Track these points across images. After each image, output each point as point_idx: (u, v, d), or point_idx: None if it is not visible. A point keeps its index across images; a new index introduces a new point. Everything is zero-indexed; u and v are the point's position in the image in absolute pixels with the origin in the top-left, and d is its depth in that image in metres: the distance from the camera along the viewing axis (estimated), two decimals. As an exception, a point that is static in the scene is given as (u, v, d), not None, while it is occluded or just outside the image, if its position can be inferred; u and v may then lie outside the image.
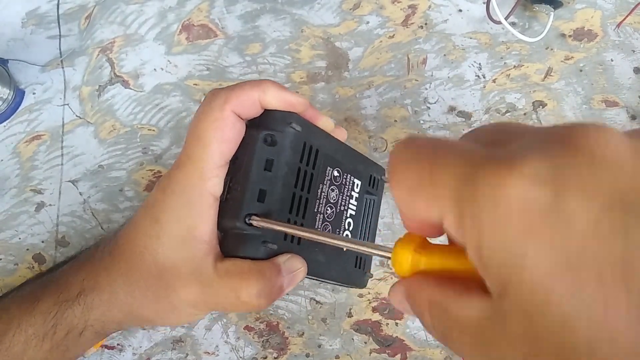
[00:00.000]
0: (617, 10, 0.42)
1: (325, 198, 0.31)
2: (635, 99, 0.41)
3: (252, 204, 0.28)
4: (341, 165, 0.32)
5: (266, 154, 0.28)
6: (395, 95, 0.42)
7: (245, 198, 0.28)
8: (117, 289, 0.30)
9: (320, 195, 0.31)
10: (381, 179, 0.36)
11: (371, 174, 0.35)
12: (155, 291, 0.29)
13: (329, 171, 0.32)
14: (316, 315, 0.39)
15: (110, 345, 0.40)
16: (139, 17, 0.45)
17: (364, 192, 0.34)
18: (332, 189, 0.32)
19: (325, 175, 0.31)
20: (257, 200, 0.28)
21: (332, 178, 0.32)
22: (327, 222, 0.32)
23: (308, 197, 0.30)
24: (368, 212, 0.35)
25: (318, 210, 0.31)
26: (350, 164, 0.33)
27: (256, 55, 0.44)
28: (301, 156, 0.30)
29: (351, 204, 0.33)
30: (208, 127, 0.27)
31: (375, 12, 0.44)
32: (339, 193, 0.32)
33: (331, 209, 0.32)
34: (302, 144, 0.30)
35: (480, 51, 0.43)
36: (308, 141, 0.30)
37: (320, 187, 0.31)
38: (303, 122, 0.30)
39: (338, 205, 0.32)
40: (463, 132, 0.41)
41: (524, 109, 0.41)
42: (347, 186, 0.33)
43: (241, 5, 0.45)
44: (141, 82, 0.44)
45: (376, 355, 0.39)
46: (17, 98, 0.43)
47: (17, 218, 0.41)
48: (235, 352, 0.39)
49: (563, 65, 0.42)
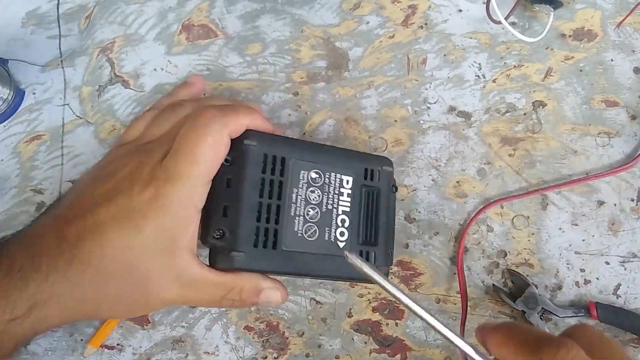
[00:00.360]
0: (617, 10, 0.42)
1: (304, 200, 0.33)
2: (635, 99, 0.41)
3: (218, 220, 0.31)
4: (320, 166, 0.34)
5: (225, 174, 0.32)
6: (395, 95, 0.42)
7: (212, 215, 0.32)
8: (81, 297, 0.29)
9: (296, 199, 0.33)
10: (382, 169, 0.36)
11: (366, 167, 0.36)
12: (130, 295, 0.30)
13: (303, 175, 0.34)
14: (316, 315, 0.39)
15: (110, 345, 0.40)
16: (139, 17, 0.45)
17: (358, 187, 0.35)
18: (311, 190, 0.34)
19: (299, 179, 0.33)
20: (223, 216, 0.32)
21: (309, 181, 0.34)
22: (311, 223, 0.33)
23: (279, 204, 0.32)
24: (371, 204, 0.35)
25: (296, 213, 0.33)
26: (335, 163, 0.35)
27: (256, 55, 0.44)
28: (264, 167, 0.32)
29: (342, 201, 0.34)
30: (205, 150, 0.30)
31: (375, 12, 0.44)
32: (322, 193, 0.34)
33: (314, 210, 0.33)
34: (263, 155, 0.32)
35: (480, 51, 0.43)
36: (270, 152, 0.33)
37: (295, 191, 0.33)
38: (261, 136, 0.33)
39: (323, 205, 0.34)
40: (463, 132, 0.41)
41: (524, 109, 0.41)
42: (332, 185, 0.34)
43: (241, 5, 0.45)
44: (141, 82, 0.44)
45: (376, 355, 0.39)
46: (17, 98, 0.43)
47: (17, 218, 0.41)
48: (235, 352, 0.39)
49: (563, 65, 0.42)
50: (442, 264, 0.39)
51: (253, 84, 0.43)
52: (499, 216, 0.40)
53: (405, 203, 0.40)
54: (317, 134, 0.42)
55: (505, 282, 0.39)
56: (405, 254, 0.40)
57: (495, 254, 0.39)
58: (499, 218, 0.40)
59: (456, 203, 0.40)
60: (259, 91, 0.43)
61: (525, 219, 0.39)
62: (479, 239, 0.39)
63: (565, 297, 0.38)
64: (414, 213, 0.40)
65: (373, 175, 0.36)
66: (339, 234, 0.34)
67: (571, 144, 0.40)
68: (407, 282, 0.39)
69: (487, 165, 0.41)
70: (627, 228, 0.39)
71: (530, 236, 0.39)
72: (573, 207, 0.39)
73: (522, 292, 0.38)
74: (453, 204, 0.40)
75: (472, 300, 0.38)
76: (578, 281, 0.38)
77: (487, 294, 0.39)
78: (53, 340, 0.41)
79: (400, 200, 0.40)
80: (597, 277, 0.38)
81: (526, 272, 0.39)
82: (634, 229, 0.39)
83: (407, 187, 0.41)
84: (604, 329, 0.37)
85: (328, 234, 0.34)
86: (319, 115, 0.42)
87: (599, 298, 0.38)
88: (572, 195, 0.40)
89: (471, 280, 0.39)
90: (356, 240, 0.34)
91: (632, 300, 0.38)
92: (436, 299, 0.39)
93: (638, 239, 0.38)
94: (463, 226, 0.40)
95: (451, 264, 0.39)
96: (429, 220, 0.40)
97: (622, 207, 0.39)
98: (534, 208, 0.40)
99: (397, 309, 0.39)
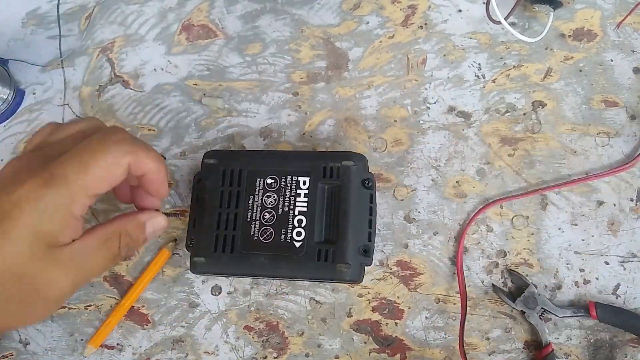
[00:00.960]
0: (617, 11, 0.42)
1: (260, 206, 0.36)
2: (635, 99, 0.41)
3: (190, 230, 0.38)
4: (275, 172, 0.37)
5: (196, 190, 0.39)
6: (395, 95, 0.42)
7: (189, 227, 0.38)
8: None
9: (252, 206, 0.36)
10: (342, 165, 0.36)
11: (324, 165, 0.36)
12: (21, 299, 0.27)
13: (259, 182, 0.37)
14: (316, 315, 0.39)
15: (109, 345, 0.40)
16: (139, 17, 0.45)
17: (315, 185, 0.36)
18: (267, 195, 0.37)
19: (255, 186, 0.37)
20: (193, 226, 0.38)
21: (265, 187, 0.37)
22: (267, 226, 0.36)
23: (237, 212, 0.36)
24: (333, 199, 0.35)
25: (252, 218, 0.36)
26: (291, 167, 0.36)
27: (256, 55, 0.44)
28: (222, 180, 0.37)
29: (299, 201, 0.36)
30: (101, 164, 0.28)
31: (375, 12, 0.44)
32: (278, 197, 0.36)
33: (270, 214, 0.36)
34: (221, 171, 0.37)
35: (480, 51, 0.43)
36: (227, 167, 0.37)
37: (251, 198, 0.37)
38: (221, 154, 0.39)
39: (279, 208, 0.36)
40: (462, 132, 0.41)
41: (524, 109, 0.41)
42: (288, 188, 0.36)
43: (241, 6, 0.45)
44: (141, 82, 0.44)
45: (376, 355, 0.39)
46: (18, 98, 0.43)
47: (17, 218, 0.41)
48: (235, 351, 0.39)
49: (563, 66, 0.42)
50: (441, 264, 0.39)
51: (253, 84, 0.44)
52: (499, 216, 0.40)
53: (404, 203, 0.40)
54: (317, 134, 0.42)
55: (505, 282, 0.39)
56: (405, 254, 0.40)
57: (495, 253, 0.39)
58: (498, 218, 0.40)
59: (456, 203, 0.40)
60: (259, 91, 0.43)
61: (524, 219, 0.39)
62: (479, 239, 0.39)
63: (564, 297, 0.38)
64: (413, 213, 0.40)
65: (333, 173, 0.36)
66: (296, 234, 0.35)
67: (571, 144, 0.40)
68: (407, 282, 0.39)
69: (487, 165, 0.41)
70: (626, 228, 0.39)
71: (529, 236, 0.39)
72: (572, 207, 0.39)
73: (521, 292, 0.38)
74: (452, 204, 0.40)
75: (471, 300, 0.38)
76: (577, 281, 0.38)
77: (487, 294, 0.39)
78: (53, 340, 0.41)
79: (400, 201, 0.40)
80: (597, 277, 0.38)
81: (526, 272, 0.39)
82: (634, 229, 0.39)
83: (406, 187, 0.41)
84: (603, 328, 0.37)
85: (284, 235, 0.35)
86: (318, 115, 0.42)
87: (598, 298, 0.38)
88: (572, 195, 0.40)
89: (471, 280, 0.39)
90: (315, 238, 0.35)
91: (631, 300, 0.38)
92: (436, 299, 0.39)
93: (637, 239, 0.38)
94: (462, 226, 0.40)
95: (451, 264, 0.39)
96: (428, 220, 0.40)
97: (622, 207, 0.39)
98: (534, 208, 0.40)
99: (397, 308, 0.39)
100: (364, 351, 0.39)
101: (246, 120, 0.43)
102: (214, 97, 0.43)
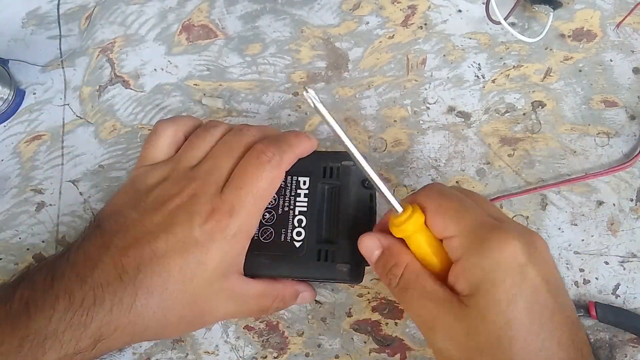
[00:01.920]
0: (617, 11, 0.43)
1: None
2: (635, 99, 0.41)
3: None
4: None
5: None
6: (394, 95, 0.42)
7: None
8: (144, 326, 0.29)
9: None
10: (341, 165, 0.36)
11: (324, 165, 0.36)
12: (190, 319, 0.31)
13: None
14: (316, 315, 0.39)
15: (110, 345, 0.40)
16: (139, 17, 0.45)
17: (315, 185, 0.36)
18: None
19: None
20: None
21: None
22: (267, 226, 0.35)
23: None
24: (333, 199, 0.35)
25: None
26: (291, 167, 0.36)
27: (256, 55, 0.44)
28: None
29: (299, 202, 0.36)
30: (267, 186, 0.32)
31: (375, 12, 0.44)
32: (277, 197, 0.36)
33: (270, 213, 0.35)
34: None
35: (479, 51, 0.43)
36: None
37: None
38: None
39: (279, 208, 0.36)
40: (462, 132, 0.41)
41: (523, 109, 0.41)
42: (288, 188, 0.36)
43: (241, 6, 0.45)
44: (141, 82, 0.44)
45: (376, 354, 0.39)
46: (18, 98, 0.43)
47: (17, 218, 0.41)
48: (235, 351, 0.39)
49: (562, 66, 0.42)
50: (441, 264, 0.39)
51: (253, 84, 0.44)
52: (499, 216, 0.40)
53: (404, 203, 0.40)
54: (317, 134, 0.42)
55: (505, 281, 0.39)
56: (405, 254, 0.40)
57: (495, 253, 0.39)
58: (498, 218, 0.40)
59: (456, 203, 0.40)
60: (259, 91, 0.43)
61: (524, 219, 0.39)
62: (479, 239, 0.39)
63: (564, 296, 0.38)
64: (413, 213, 0.40)
65: (333, 172, 0.36)
66: (296, 234, 0.35)
67: (570, 144, 0.40)
68: (406, 281, 0.39)
69: (487, 165, 0.41)
70: (626, 228, 0.39)
71: (529, 236, 0.39)
72: (572, 207, 0.39)
73: (521, 291, 0.38)
74: (452, 204, 0.40)
75: (471, 300, 0.38)
76: (577, 281, 0.38)
77: (487, 294, 0.39)
78: (53, 339, 0.41)
79: (400, 200, 0.40)
80: (597, 277, 0.38)
81: (525, 272, 0.39)
82: (633, 229, 0.39)
83: (406, 187, 0.41)
84: (603, 328, 0.37)
85: (284, 235, 0.35)
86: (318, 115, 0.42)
87: (598, 298, 0.38)
88: (572, 195, 0.40)
89: (471, 280, 0.39)
90: (315, 238, 0.35)
91: (631, 300, 0.38)
92: (436, 299, 0.39)
93: (637, 238, 0.39)
94: (462, 226, 0.40)
95: (451, 264, 0.39)
96: (428, 220, 0.40)
97: (622, 207, 0.39)
98: (533, 208, 0.40)
99: (397, 308, 0.39)
100: (364, 351, 0.39)
101: (246, 121, 0.43)
102: (214, 97, 0.44)
